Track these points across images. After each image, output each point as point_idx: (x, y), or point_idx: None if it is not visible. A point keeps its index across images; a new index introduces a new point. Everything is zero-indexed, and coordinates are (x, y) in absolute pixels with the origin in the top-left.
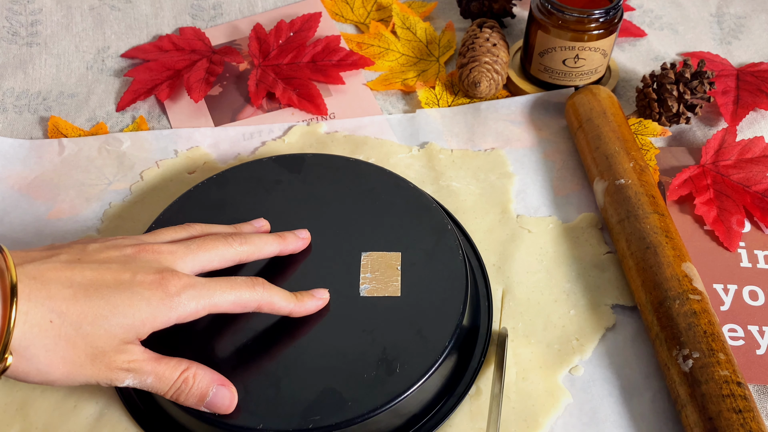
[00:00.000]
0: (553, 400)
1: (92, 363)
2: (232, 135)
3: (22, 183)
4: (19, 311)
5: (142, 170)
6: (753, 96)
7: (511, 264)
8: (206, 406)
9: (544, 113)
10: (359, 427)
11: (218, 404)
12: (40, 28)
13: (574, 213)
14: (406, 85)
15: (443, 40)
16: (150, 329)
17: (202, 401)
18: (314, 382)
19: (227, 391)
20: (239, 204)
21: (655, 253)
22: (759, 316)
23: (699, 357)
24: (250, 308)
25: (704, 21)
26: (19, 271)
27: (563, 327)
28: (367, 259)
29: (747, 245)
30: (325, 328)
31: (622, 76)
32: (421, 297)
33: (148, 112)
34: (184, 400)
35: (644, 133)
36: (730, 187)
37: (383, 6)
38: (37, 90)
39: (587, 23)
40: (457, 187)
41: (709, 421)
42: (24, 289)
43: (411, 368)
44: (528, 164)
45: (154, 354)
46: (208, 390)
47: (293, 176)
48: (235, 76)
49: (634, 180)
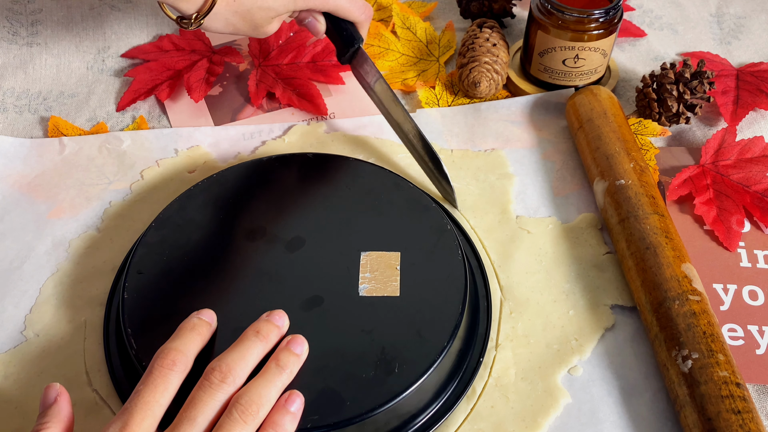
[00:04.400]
0: (552, 400)
1: (252, 31)
2: (233, 134)
3: (23, 182)
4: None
5: (143, 169)
6: (753, 96)
7: (510, 264)
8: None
9: (544, 113)
10: (358, 426)
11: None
12: (41, 28)
13: (573, 213)
14: (406, 85)
15: (443, 40)
16: (288, 11)
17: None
18: (313, 381)
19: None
20: (239, 203)
21: (655, 253)
22: (759, 315)
23: (698, 358)
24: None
25: (704, 21)
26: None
27: (562, 327)
28: (366, 259)
29: (747, 245)
30: (324, 327)
31: (622, 76)
32: (420, 297)
33: (148, 112)
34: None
35: (644, 133)
36: (729, 187)
37: (383, 6)
38: (38, 90)
39: (587, 23)
40: (456, 187)
41: (708, 422)
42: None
43: (410, 368)
44: (528, 165)
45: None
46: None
47: (293, 176)
48: (235, 76)
49: (634, 180)
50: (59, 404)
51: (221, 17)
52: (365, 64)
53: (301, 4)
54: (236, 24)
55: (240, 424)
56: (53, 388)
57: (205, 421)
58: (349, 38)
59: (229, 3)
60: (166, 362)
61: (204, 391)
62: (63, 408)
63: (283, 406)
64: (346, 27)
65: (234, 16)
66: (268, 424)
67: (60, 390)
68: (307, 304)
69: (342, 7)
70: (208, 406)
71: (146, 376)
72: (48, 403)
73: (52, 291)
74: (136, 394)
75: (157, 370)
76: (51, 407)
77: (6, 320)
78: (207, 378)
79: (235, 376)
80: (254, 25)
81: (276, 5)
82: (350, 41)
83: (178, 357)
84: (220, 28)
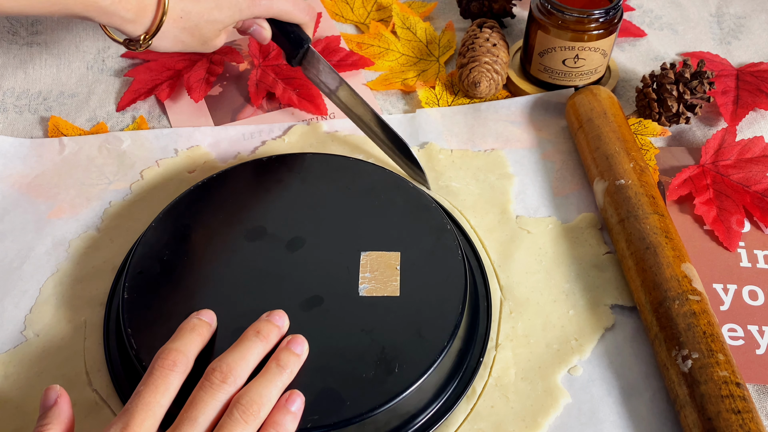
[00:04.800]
0: (551, 400)
1: (200, 46)
2: (232, 134)
3: (23, 182)
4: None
5: (143, 169)
6: (753, 96)
7: (510, 264)
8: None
9: (544, 114)
10: (358, 426)
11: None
12: (41, 28)
13: (573, 213)
14: (406, 85)
15: (443, 40)
16: (234, 21)
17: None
18: (313, 381)
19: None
20: (239, 203)
21: (655, 253)
22: (759, 315)
23: (698, 357)
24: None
25: (704, 21)
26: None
27: (562, 327)
28: (366, 259)
29: (747, 245)
30: (324, 327)
31: (622, 76)
32: (420, 297)
33: (148, 112)
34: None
35: (644, 133)
36: (729, 186)
37: (383, 6)
38: (38, 90)
39: (587, 23)
40: (456, 187)
41: (708, 422)
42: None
43: (409, 368)
44: (528, 165)
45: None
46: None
47: (293, 176)
48: (235, 76)
49: (634, 180)
50: (59, 406)
51: (170, 35)
52: (318, 63)
53: (246, 13)
54: (185, 40)
55: (241, 424)
56: (53, 390)
57: (206, 422)
58: (297, 40)
59: (176, 20)
60: (166, 363)
61: (205, 391)
62: (63, 409)
63: (284, 405)
64: (293, 30)
65: (182, 32)
66: (269, 424)
67: (60, 392)
68: (307, 304)
69: (286, 10)
70: (209, 407)
71: (147, 376)
72: (48, 405)
73: (52, 291)
74: (136, 394)
75: (157, 371)
76: (51, 409)
77: (6, 320)
78: (208, 378)
79: (236, 376)
80: (203, 39)
81: (222, 17)
82: (299, 43)
83: (179, 357)
84: (169, 46)
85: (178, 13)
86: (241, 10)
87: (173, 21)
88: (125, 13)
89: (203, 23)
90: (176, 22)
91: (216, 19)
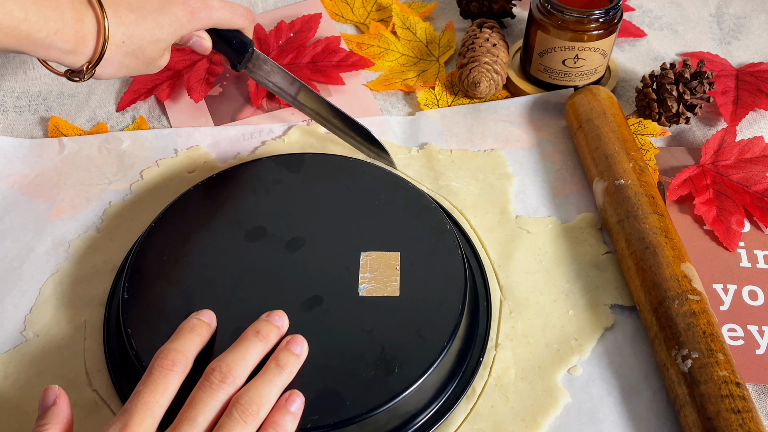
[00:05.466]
0: (551, 400)
1: (145, 68)
2: (232, 134)
3: (23, 182)
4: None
5: (142, 169)
6: (752, 96)
7: (510, 264)
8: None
9: (544, 114)
10: (358, 426)
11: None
12: None
13: (573, 213)
14: (406, 85)
15: (443, 40)
16: (177, 38)
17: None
18: (313, 381)
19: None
20: (239, 203)
21: (655, 253)
22: (758, 315)
23: (698, 357)
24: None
25: (704, 21)
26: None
27: (562, 327)
28: (366, 259)
29: (746, 245)
30: (323, 327)
31: (622, 76)
32: (420, 297)
33: (148, 112)
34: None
35: (644, 133)
36: (729, 187)
37: (383, 6)
38: (38, 90)
39: (587, 23)
40: (456, 188)
41: (708, 421)
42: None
43: (409, 368)
44: (527, 165)
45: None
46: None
47: (293, 176)
48: (235, 76)
49: (633, 180)
50: (58, 406)
51: (114, 61)
52: (265, 64)
53: (188, 28)
54: (129, 64)
55: (240, 424)
56: (52, 390)
57: (206, 422)
58: (240, 45)
59: (118, 45)
60: (165, 363)
61: (204, 391)
62: (62, 409)
63: (284, 405)
64: (234, 35)
65: (126, 57)
66: (269, 424)
67: (59, 392)
68: (306, 304)
69: (225, 19)
70: (209, 407)
71: (146, 376)
72: (47, 405)
73: (52, 291)
74: (136, 394)
75: (156, 371)
76: (50, 409)
77: (6, 320)
78: (207, 378)
79: (235, 376)
80: (148, 61)
81: (165, 35)
82: (243, 47)
83: (178, 357)
84: (113, 72)
85: (120, 37)
86: (182, 26)
87: (116, 47)
88: (63, 45)
89: (146, 45)
90: (119, 47)
91: (159, 38)
